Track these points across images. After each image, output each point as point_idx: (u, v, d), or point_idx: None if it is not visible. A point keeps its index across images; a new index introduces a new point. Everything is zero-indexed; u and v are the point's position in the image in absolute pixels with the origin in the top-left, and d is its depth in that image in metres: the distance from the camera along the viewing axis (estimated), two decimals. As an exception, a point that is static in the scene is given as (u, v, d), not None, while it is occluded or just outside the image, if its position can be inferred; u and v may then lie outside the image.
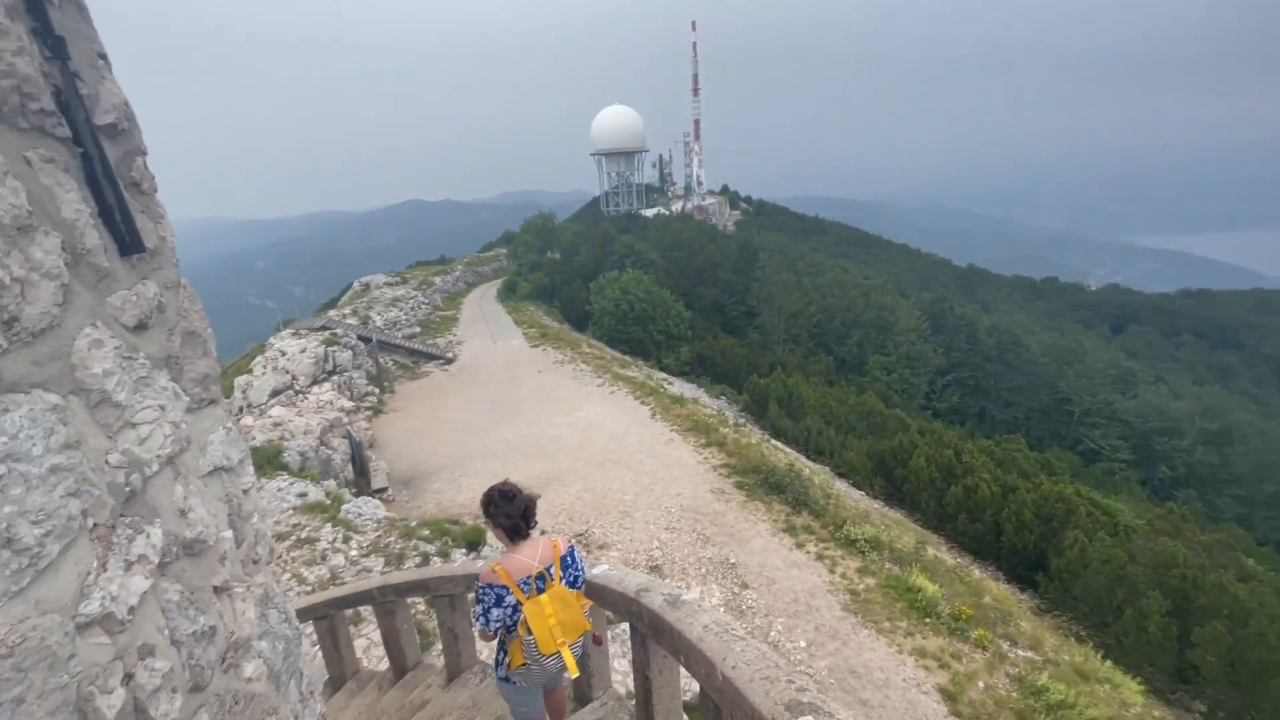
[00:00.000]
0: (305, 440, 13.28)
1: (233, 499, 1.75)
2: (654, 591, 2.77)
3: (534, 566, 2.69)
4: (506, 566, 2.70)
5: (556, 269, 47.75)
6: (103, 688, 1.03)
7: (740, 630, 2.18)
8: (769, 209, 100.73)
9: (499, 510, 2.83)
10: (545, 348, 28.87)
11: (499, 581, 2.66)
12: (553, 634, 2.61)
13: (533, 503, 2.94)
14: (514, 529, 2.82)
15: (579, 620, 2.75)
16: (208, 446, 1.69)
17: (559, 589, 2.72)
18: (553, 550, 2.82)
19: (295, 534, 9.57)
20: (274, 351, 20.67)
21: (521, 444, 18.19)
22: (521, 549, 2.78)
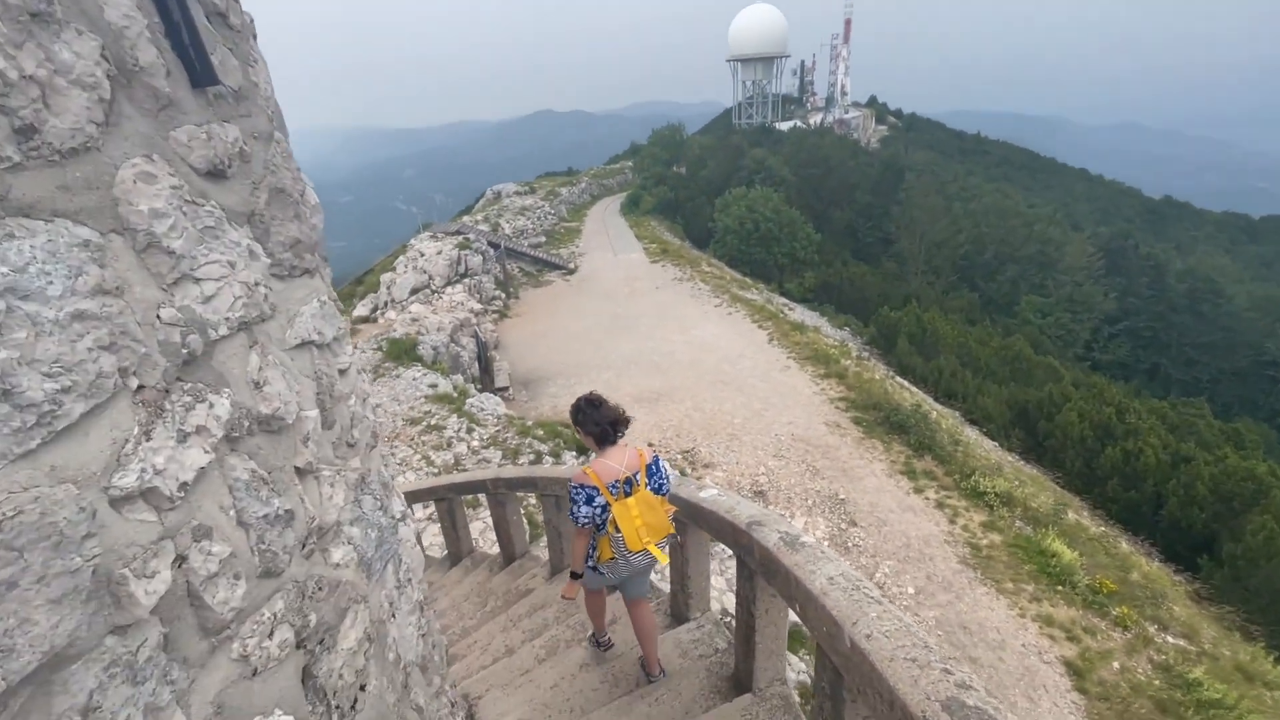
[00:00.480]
0: (438, 336, 14.21)
1: (323, 377, 1.61)
2: (768, 527, 2.47)
3: (621, 472, 2.82)
4: (596, 469, 2.83)
5: (681, 184, 46.29)
6: (140, 571, 0.90)
7: (874, 590, 1.82)
8: (921, 124, 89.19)
9: (587, 418, 2.95)
10: (665, 264, 28.49)
11: (589, 482, 2.80)
12: (639, 533, 2.77)
13: (620, 413, 3.03)
14: (602, 435, 2.91)
15: (664, 523, 2.87)
16: (296, 318, 1.54)
17: (644, 493, 2.84)
18: (639, 458, 2.92)
19: (425, 420, 10.38)
20: (414, 252, 22.10)
21: (636, 358, 18.37)
22: (609, 455, 2.89)
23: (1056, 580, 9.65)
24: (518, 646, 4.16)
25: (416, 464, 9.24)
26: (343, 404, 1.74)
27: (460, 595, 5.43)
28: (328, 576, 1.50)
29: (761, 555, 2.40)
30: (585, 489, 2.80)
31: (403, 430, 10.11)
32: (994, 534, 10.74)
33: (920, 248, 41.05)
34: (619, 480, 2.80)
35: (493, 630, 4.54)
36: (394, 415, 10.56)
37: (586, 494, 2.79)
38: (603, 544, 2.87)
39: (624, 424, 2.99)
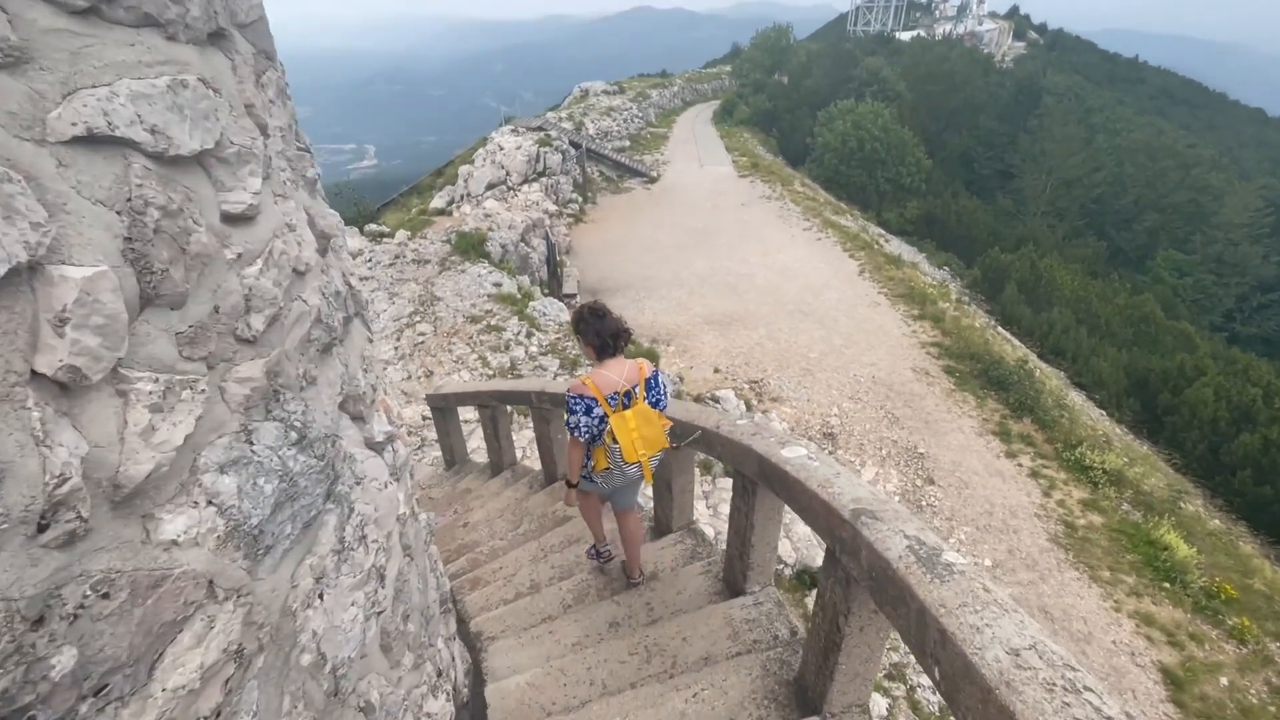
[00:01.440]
0: (508, 234, 13.64)
1: (147, 205, 0.88)
2: (887, 524, 1.68)
3: (620, 384, 2.76)
4: (595, 380, 2.76)
5: (781, 93, 42.45)
6: None
7: (1095, 681, 1.02)
8: (1067, 42, 76.66)
9: (589, 327, 2.87)
10: (754, 179, 26.45)
11: (588, 393, 2.74)
12: (635, 445, 2.76)
13: (622, 325, 2.94)
14: (602, 347, 2.84)
15: (659, 437, 2.87)
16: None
17: (642, 407, 2.81)
18: (639, 372, 2.86)
19: (486, 319, 9.97)
20: (493, 145, 21.30)
21: (711, 277, 17.28)
22: (609, 366, 2.82)
23: (1164, 576, 8.46)
24: (544, 584, 3.68)
25: (473, 363, 8.90)
26: (220, 266, 1.03)
27: (495, 510, 5.03)
28: (133, 568, 0.83)
29: (874, 567, 1.62)
30: (584, 399, 2.73)
31: (462, 327, 9.77)
32: (1095, 514, 9.51)
33: (1046, 184, 36.35)
34: (618, 392, 2.75)
35: (521, 558, 4.09)
36: (455, 311, 10.21)
37: (585, 404, 2.73)
38: (598, 454, 2.85)
39: (625, 336, 2.92)
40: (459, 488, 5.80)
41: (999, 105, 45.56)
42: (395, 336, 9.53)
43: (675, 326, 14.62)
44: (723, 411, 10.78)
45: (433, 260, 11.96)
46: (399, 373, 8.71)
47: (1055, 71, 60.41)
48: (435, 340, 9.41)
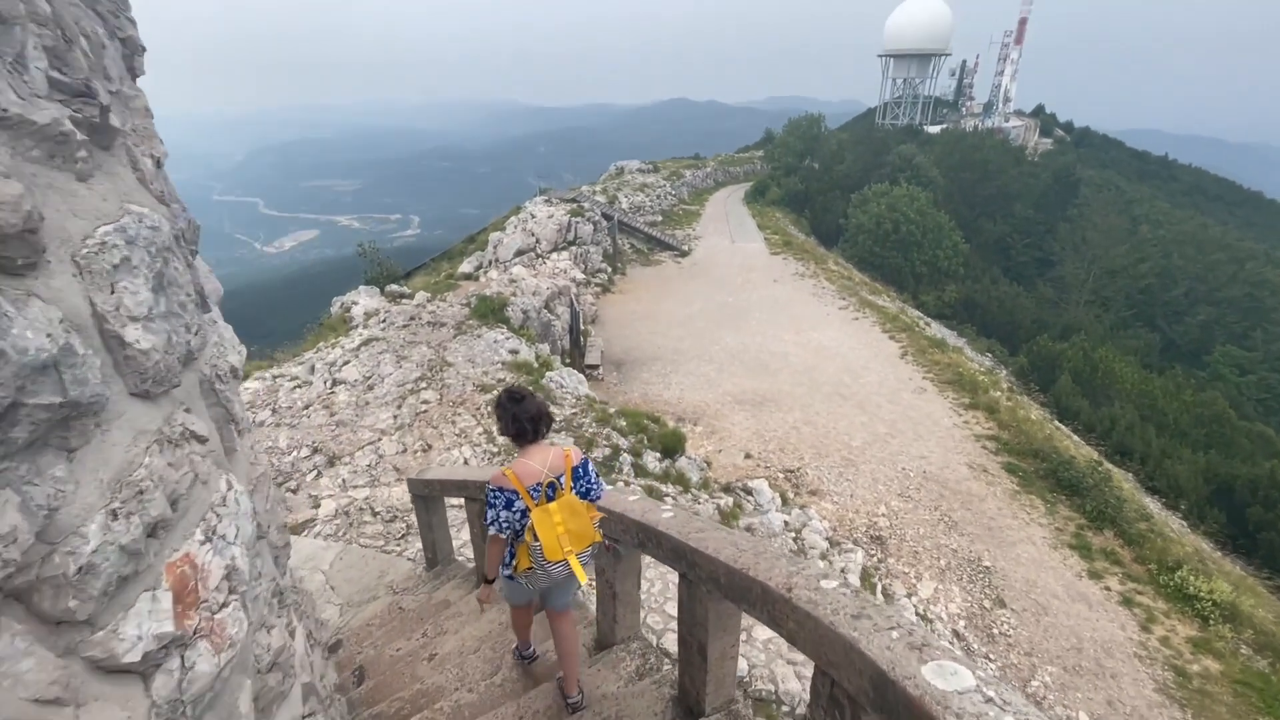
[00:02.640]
0: (531, 300, 13.02)
1: None
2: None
3: (543, 474, 2.57)
4: (517, 471, 2.56)
5: (814, 175, 42.96)
6: None
7: None
8: (1095, 140, 77.35)
9: (505, 412, 2.64)
10: (786, 257, 25.99)
11: (509, 485, 2.54)
12: (560, 542, 2.52)
13: (545, 410, 2.69)
14: (520, 433, 2.62)
15: (588, 530, 2.60)
16: None
17: (569, 498, 2.58)
18: (564, 460, 2.64)
19: (497, 390, 9.08)
20: (525, 214, 21.31)
21: (742, 353, 16.36)
22: (531, 455, 2.61)
23: (1316, 751, 6.71)
24: None
25: (477, 438, 7.94)
26: None
27: (473, 639, 3.91)
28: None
29: None
30: (504, 492, 2.57)
31: (469, 396, 8.88)
32: (1210, 659, 7.83)
33: (1089, 273, 35.27)
34: (540, 483, 2.56)
35: None
36: (465, 379, 9.37)
37: (505, 498, 2.57)
38: (521, 552, 2.65)
39: (547, 421, 2.70)
40: (435, 598, 4.70)
41: (1034, 194, 45.37)
42: (396, 404, 8.68)
43: (703, 405, 13.58)
44: (754, 505, 9.54)
45: (449, 323, 11.29)
46: (394, 445, 7.78)
47: (1086, 166, 60.72)
48: (439, 410, 8.52)
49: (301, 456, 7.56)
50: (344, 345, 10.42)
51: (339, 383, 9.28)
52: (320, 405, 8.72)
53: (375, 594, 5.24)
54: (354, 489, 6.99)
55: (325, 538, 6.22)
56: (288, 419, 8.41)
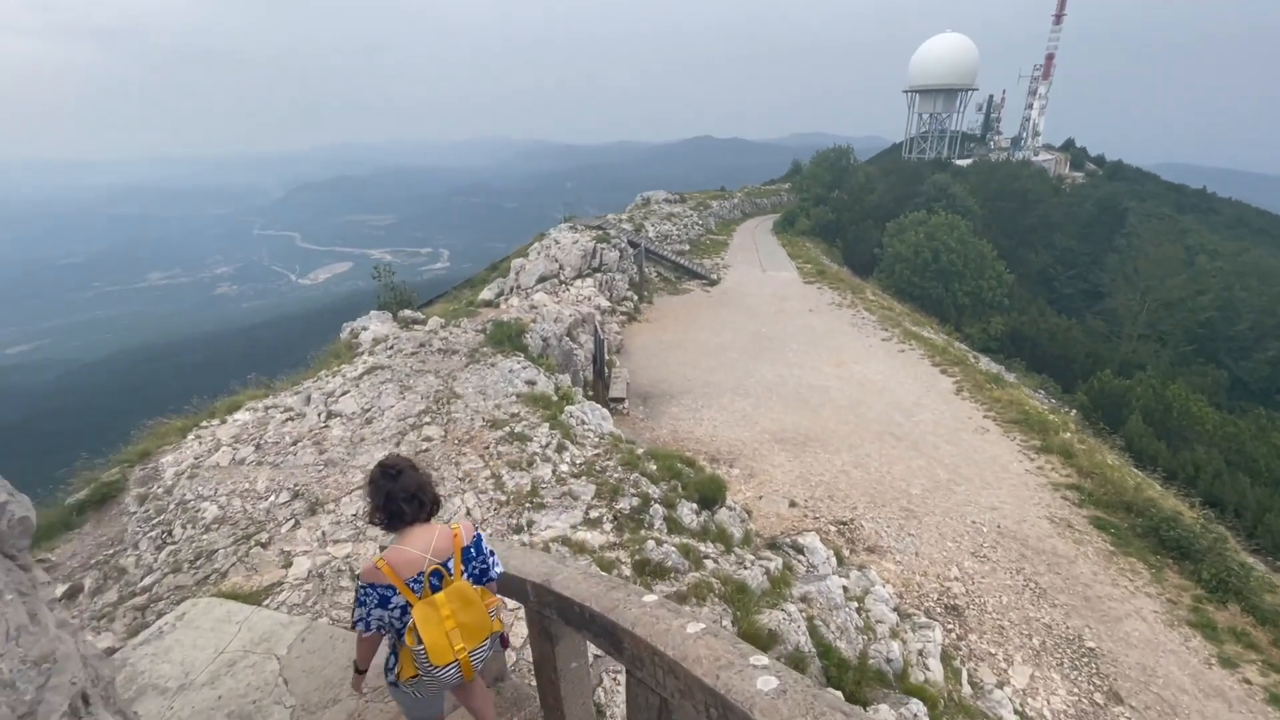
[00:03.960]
0: (552, 327, 11.98)
1: None
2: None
3: (425, 560, 2.17)
4: (391, 561, 2.16)
5: (845, 205, 41.91)
6: None
7: None
8: (1128, 174, 74.91)
9: (379, 490, 2.21)
10: (821, 286, 24.75)
11: (382, 580, 2.14)
12: (449, 639, 2.12)
13: (428, 484, 2.30)
14: (395, 514, 2.20)
15: (482, 621, 2.20)
16: None
17: (459, 585, 2.19)
18: (451, 540, 2.25)
19: (510, 425, 7.97)
20: (549, 240, 20.56)
21: (779, 387, 15.05)
22: (410, 539, 2.21)
23: None
24: None
25: (483, 484, 6.78)
26: None
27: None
28: None
29: None
30: (377, 589, 2.14)
31: (478, 433, 7.76)
32: (1402, 784, 6.13)
33: (1143, 306, 33.22)
34: (423, 572, 2.15)
35: None
36: (474, 412, 8.27)
37: (379, 595, 2.14)
38: (403, 656, 2.20)
39: (430, 500, 2.27)
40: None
41: (1077, 224, 43.64)
42: (395, 440, 7.59)
43: (739, 443, 12.26)
44: (806, 565, 8.13)
45: (461, 351, 10.28)
46: (387, 490, 6.62)
47: (1126, 199, 58.54)
48: (442, 449, 7.40)
49: (279, 502, 6.48)
50: (345, 374, 9.45)
51: (334, 415, 8.26)
52: (310, 441, 7.67)
53: (338, 695, 4.04)
54: (334, 543, 5.85)
55: (290, 608, 5.07)
56: (271, 457, 7.37)
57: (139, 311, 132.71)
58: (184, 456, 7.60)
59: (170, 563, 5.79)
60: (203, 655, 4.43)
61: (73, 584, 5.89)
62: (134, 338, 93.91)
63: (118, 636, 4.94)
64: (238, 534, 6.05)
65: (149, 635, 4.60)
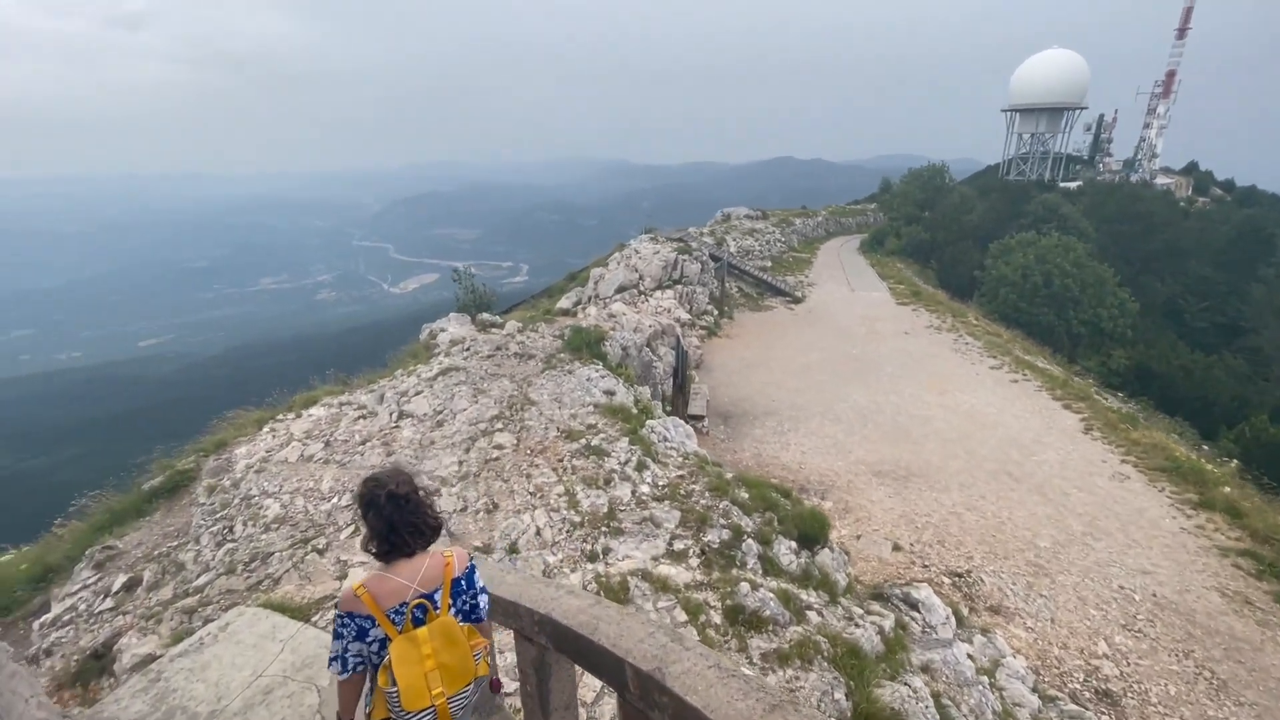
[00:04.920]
0: (632, 336, 11.33)
1: None
2: None
3: (410, 590, 1.93)
4: (373, 589, 1.92)
5: (941, 224, 39.41)
6: None
7: None
8: (1262, 199, 65.71)
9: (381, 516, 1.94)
10: (916, 308, 22.97)
11: (361, 609, 1.90)
12: (427, 681, 1.86)
13: (429, 510, 2.04)
14: (395, 547, 1.95)
15: (467, 664, 1.94)
16: None
17: (444, 621, 1.94)
18: (442, 569, 2.01)
19: (587, 437, 7.28)
20: (629, 250, 20.10)
21: (874, 414, 13.70)
22: (397, 565, 1.96)
23: None
24: None
25: (555, 500, 6.09)
26: None
27: None
28: None
29: None
30: (354, 619, 1.90)
31: (552, 444, 7.12)
32: None
33: (1300, 345, 28.89)
34: (406, 603, 1.92)
35: None
36: (549, 421, 7.66)
37: (356, 626, 1.91)
38: (376, 699, 1.94)
39: (433, 530, 2.02)
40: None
41: (1212, 251, 38.97)
42: (465, 446, 7.07)
43: (831, 473, 11.07)
44: (922, 624, 6.81)
45: (538, 356, 9.77)
46: (454, 500, 6.09)
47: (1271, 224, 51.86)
48: (513, 459, 6.80)
49: (341, 505, 6.05)
50: (420, 374, 9.12)
51: (405, 416, 7.88)
52: (379, 441, 7.29)
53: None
54: (393, 557, 5.29)
55: (340, 628, 4.47)
56: (339, 455, 7.02)
57: (250, 312, 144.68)
58: (256, 449, 7.39)
59: (226, 563, 5.43)
60: (240, 677, 3.93)
61: (132, 576, 5.64)
62: (244, 336, 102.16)
63: (161, 641, 4.55)
64: (296, 537, 5.63)
65: (189, 646, 4.17)
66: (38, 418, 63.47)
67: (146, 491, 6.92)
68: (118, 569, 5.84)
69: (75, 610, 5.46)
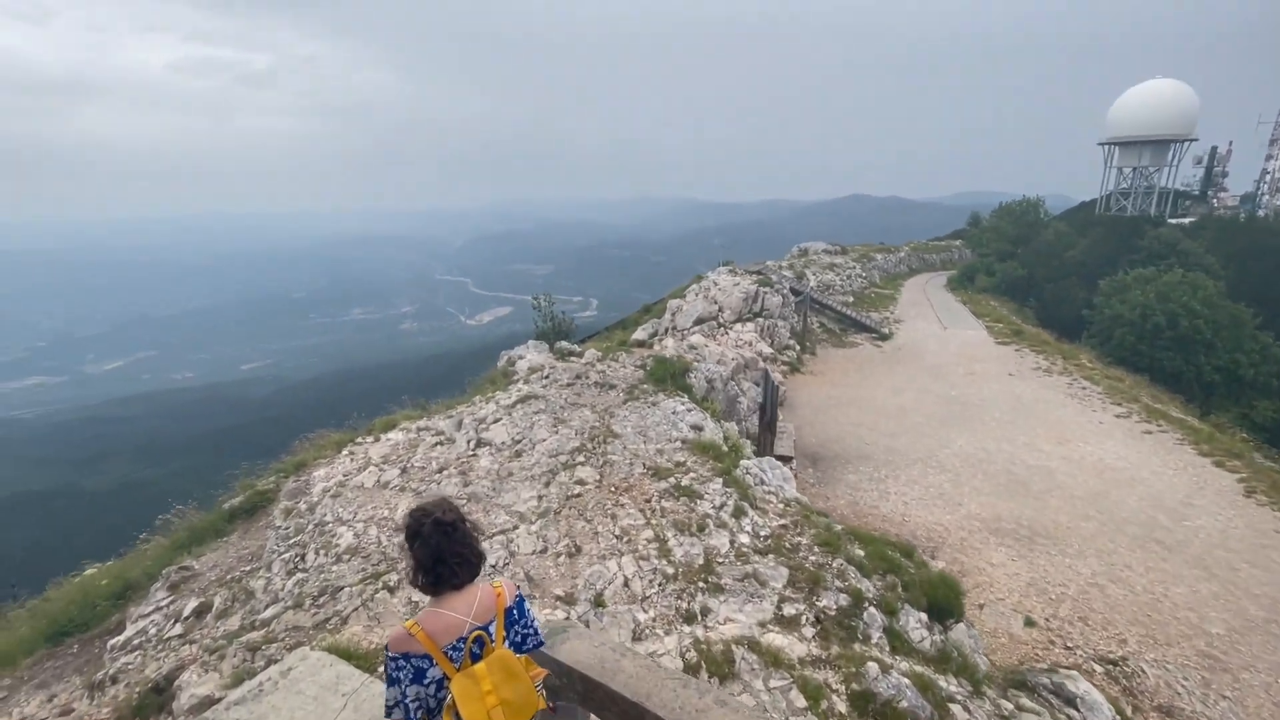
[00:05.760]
0: (717, 368, 10.65)
1: None
2: None
3: (466, 625, 1.85)
4: (427, 626, 1.82)
5: (1040, 260, 36.78)
6: None
7: None
8: None
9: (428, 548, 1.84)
10: (1020, 348, 21.08)
11: (417, 649, 1.79)
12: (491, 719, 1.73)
13: (473, 542, 1.94)
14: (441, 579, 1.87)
15: (528, 697, 1.81)
16: None
17: (501, 654, 1.83)
18: (494, 600, 1.94)
19: (676, 475, 6.61)
20: (707, 282, 19.57)
21: (983, 462, 12.28)
22: (449, 599, 1.88)
23: None
24: None
25: (644, 547, 5.43)
26: None
27: None
28: None
29: None
30: (410, 660, 1.78)
31: (638, 481, 6.50)
32: None
33: None
34: (463, 638, 1.82)
35: None
36: (634, 455, 7.06)
37: (414, 668, 1.78)
38: None
39: (478, 559, 1.94)
40: None
41: (1369, 293, 34.20)
42: (545, 480, 6.55)
43: (940, 529, 9.83)
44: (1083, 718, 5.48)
45: (619, 386, 9.25)
46: (532, 539, 5.54)
47: None
48: (597, 496, 6.21)
49: (415, 538, 5.60)
50: (498, 400, 8.79)
51: (483, 444, 7.49)
52: (456, 470, 6.90)
53: None
54: (467, 600, 4.76)
55: (407, 683, 3.93)
56: (415, 483, 6.66)
57: (341, 340, 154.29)
58: (334, 472, 7.17)
59: (295, 594, 5.07)
60: (297, 736, 3.46)
61: (203, 601, 5.39)
62: (334, 363, 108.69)
63: (221, 681, 4.17)
64: (367, 570, 5.22)
65: (247, 692, 3.76)
66: (155, 431, 69.25)
67: (226, 511, 6.80)
68: (191, 592, 5.61)
69: (145, 634, 5.24)
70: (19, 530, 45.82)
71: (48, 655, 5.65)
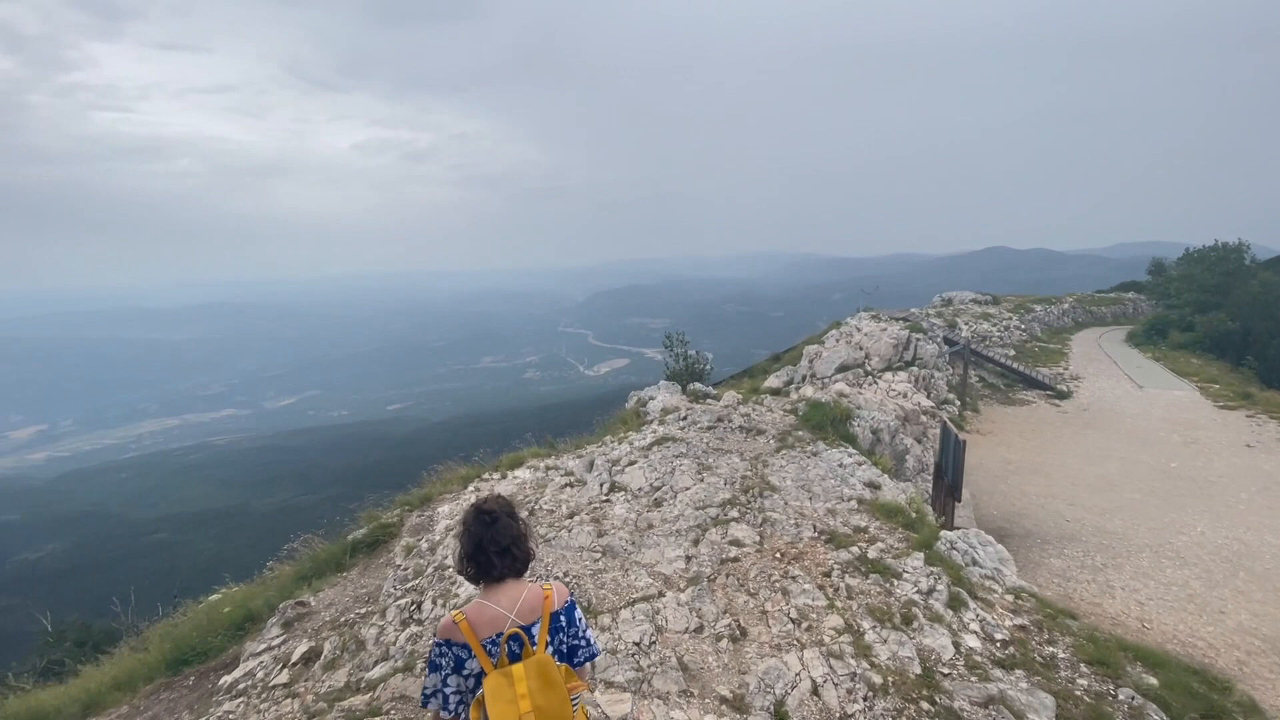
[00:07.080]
0: (883, 417, 9.06)
1: None
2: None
3: (508, 620, 1.76)
4: (471, 617, 1.78)
5: (1255, 313, 30.68)
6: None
7: None
8: None
9: (471, 536, 1.84)
10: (1253, 414, 17.00)
11: (459, 637, 1.75)
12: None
13: (522, 536, 1.89)
14: (482, 566, 1.83)
15: (564, 709, 1.68)
16: None
17: (541, 659, 1.71)
18: (542, 601, 1.84)
19: (858, 544, 5.22)
20: (849, 328, 17.84)
21: (1243, 557, 9.39)
22: (496, 594, 1.82)
23: None
24: None
25: (831, 640, 4.09)
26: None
27: None
28: None
29: None
30: (452, 647, 1.74)
31: (809, 548, 5.19)
32: None
33: None
34: (502, 633, 1.74)
35: None
36: (799, 514, 5.76)
37: (455, 656, 1.74)
38: None
39: (524, 556, 1.87)
40: None
41: None
42: (693, 536, 5.44)
43: (1202, 644, 7.34)
44: None
45: (769, 432, 8.02)
46: (684, 612, 4.40)
47: None
48: (759, 562, 4.98)
49: (543, 596, 4.68)
50: (633, 441, 7.89)
51: (617, 488, 6.55)
52: (589, 517, 5.99)
53: None
54: (608, 688, 3.70)
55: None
56: (543, 529, 5.82)
57: (472, 386, 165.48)
58: (458, 509, 6.55)
59: (406, 653, 4.29)
60: None
61: (313, 646, 4.78)
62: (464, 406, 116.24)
63: (313, 762, 3.39)
64: (488, 632, 4.34)
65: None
66: (313, 462, 77.11)
67: (349, 543, 6.36)
68: (303, 633, 5.06)
69: (253, 677, 4.69)
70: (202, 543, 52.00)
71: (165, 685, 5.30)
